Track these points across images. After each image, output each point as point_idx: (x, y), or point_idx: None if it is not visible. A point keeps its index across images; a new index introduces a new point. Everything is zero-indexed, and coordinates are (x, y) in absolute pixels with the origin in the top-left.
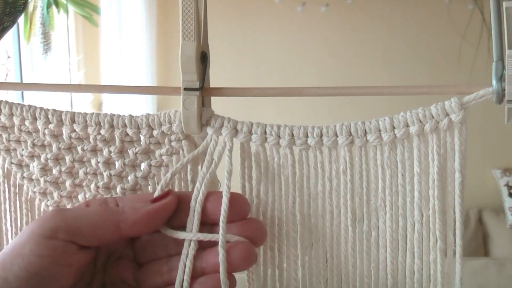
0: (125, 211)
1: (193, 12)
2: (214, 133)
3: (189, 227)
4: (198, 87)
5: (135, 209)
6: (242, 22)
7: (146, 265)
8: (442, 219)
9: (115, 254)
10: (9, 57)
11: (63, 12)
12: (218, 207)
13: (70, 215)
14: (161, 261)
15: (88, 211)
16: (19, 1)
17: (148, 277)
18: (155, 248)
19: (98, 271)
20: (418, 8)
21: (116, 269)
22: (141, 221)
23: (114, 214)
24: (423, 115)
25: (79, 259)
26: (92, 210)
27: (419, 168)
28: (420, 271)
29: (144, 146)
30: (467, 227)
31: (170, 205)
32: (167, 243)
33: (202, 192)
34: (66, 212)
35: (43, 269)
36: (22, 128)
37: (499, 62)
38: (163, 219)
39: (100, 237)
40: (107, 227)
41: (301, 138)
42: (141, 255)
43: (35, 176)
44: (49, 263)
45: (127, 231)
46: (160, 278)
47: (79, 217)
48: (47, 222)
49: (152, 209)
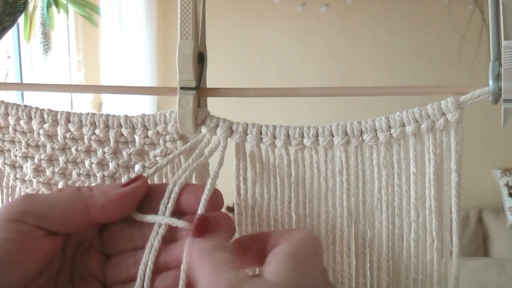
0: (94, 195)
1: (191, 12)
2: (208, 132)
3: (162, 210)
4: (194, 87)
5: (104, 192)
6: (242, 22)
7: (113, 257)
8: (438, 219)
9: (83, 244)
10: (9, 57)
11: (63, 12)
12: (192, 198)
13: (39, 200)
14: (127, 254)
15: (57, 196)
16: (19, 1)
17: (114, 270)
18: (122, 240)
19: (66, 262)
20: (418, 8)
21: (84, 261)
22: (111, 205)
23: (83, 199)
24: (419, 115)
25: (46, 245)
26: (62, 195)
27: (415, 168)
28: (417, 271)
29: (138, 147)
30: (467, 227)
31: (140, 188)
32: (133, 235)
33: (185, 177)
34: (34, 197)
35: (7, 252)
36: (17, 128)
37: (495, 62)
38: (133, 204)
39: (68, 222)
40: (75, 211)
41: (296, 138)
42: (108, 247)
43: (28, 177)
44: (14, 247)
45: (96, 215)
46: (125, 272)
47: (48, 201)
48: (15, 206)
49: (122, 192)
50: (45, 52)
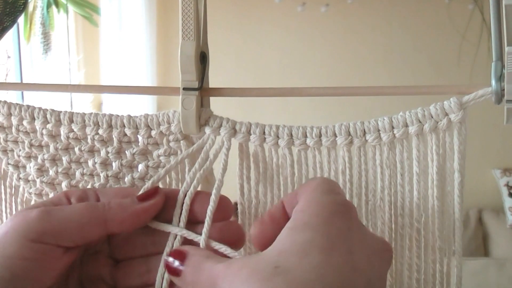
0: (112, 208)
1: (192, 12)
2: (212, 132)
3: (176, 220)
4: (197, 87)
5: (122, 207)
6: (242, 22)
7: (123, 263)
8: (441, 219)
9: (91, 248)
10: (9, 57)
11: (63, 12)
12: (203, 207)
13: (56, 217)
14: (138, 260)
15: (74, 211)
16: (19, 1)
17: (126, 277)
18: (133, 246)
19: (75, 266)
20: (418, 8)
21: (92, 265)
22: (129, 220)
23: (100, 212)
24: (422, 115)
25: (65, 261)
26: (78, 209)
27: (418, 168)
28: (420, 271)
29: (142, 146)
30: (467, 227)
31: (158, 205)
32: (145, 241)
33: (193, 186)
34: (52, 214)
35: (28, 271)
36: (20, 128)
37: (498, 62)
38: (150, 218)
39: (86, 237)
40: (93, 226)
41: (300, 138)
42: (118, 252)
43: (31, 177)
44: (35, 266)
45: (113, 229)
46: (139, 279)
47: (65, 218)
48: (33, 224)
49: (140, 209)
50: (45, 52)
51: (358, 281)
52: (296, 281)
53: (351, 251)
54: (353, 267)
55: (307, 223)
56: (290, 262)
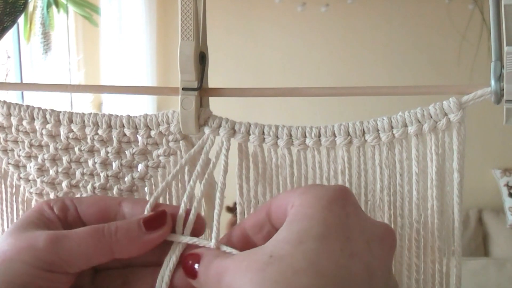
0: (119, 240)
1: (192, 12)
2: (212, 133)
3: (179, 230)
4: (196, 87)
5: (130, 238)
6: (242, 22)
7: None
8: (440, 219)
9: None
10: (9, 57)
11: (63, 12)
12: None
13: (65, 248)
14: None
15: (81, 240)
16: (19, 1)
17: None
18: None
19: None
20: (418, 8)
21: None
22: (135, 250)
23: (107, 241)
24: (421, 115)
25: (71, 283)
26: (84, 238)
27: (417, 168)
28: (419, 271)
29: (141, 146)
30: (467, 227)
31: (166, 234)
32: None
33: (201, 191)
34: (60, 245)
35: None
36: (20, 128)
37: (497, 62)
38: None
39: (93, 263)
40: (100, 254)
41: (299, 139)
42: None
43: (31, 177)
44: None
45: (119, 256)
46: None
47: (73, 249)
48: (42, 254)
49: (147, 240)
50: (45, 52)
51: (355, 267)
52: (289, 268)
53: (349, 237)
54: (350, 254)
55: (305, 213)
56: (284, 250)
